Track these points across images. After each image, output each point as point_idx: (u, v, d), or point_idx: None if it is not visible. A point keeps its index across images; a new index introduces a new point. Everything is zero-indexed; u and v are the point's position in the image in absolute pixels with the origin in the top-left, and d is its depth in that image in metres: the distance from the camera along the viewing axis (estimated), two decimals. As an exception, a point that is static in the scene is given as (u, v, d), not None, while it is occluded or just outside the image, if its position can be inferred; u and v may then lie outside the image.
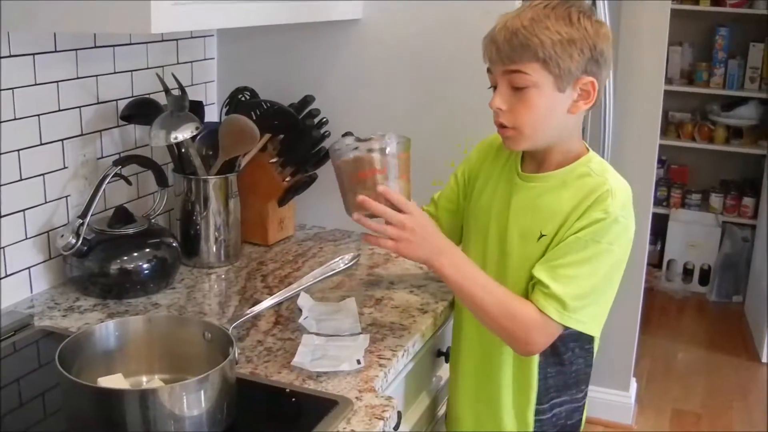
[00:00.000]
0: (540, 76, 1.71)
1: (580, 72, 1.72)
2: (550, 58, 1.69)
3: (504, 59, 1.73)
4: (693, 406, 4.31)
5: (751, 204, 5.64)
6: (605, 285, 1.79)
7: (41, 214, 2.03)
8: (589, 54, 1.71)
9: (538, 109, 1.74)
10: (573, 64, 1.70)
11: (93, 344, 1.53)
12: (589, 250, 1.73)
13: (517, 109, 1.75)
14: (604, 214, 1.73)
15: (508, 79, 1.75)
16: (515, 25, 1.72)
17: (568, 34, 1.70)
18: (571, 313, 1.73)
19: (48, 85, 2.00)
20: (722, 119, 5.64)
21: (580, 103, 1.76)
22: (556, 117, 1.77)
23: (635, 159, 3.74)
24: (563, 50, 1.69)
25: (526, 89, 1.73)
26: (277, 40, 2.59)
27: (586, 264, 1.73)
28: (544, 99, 1.73)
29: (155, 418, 1.35)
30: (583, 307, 1.75)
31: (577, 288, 1.73)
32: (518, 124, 1.76)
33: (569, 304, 1.72)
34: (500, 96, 1.77)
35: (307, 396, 1.60)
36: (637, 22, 3.62)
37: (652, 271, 5.73)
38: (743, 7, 5.38)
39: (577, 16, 1.72)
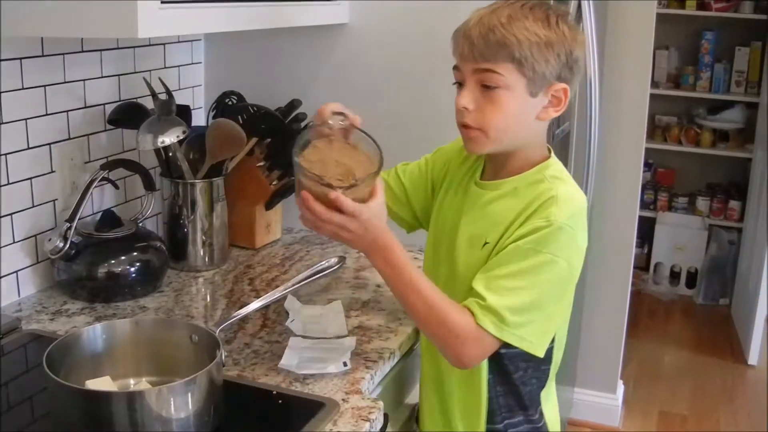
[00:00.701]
0: (513, 77, 1.62)
1: (554, 77, 1.65)
2: (526, 60, 1.61)
3: (477, 56, 1.64)
4: (680, 408, 4.33)
5: (738, 207, 5.66)
6: (549, 300, 1.65)
7: (29, 217, 2.04)
8: (564, 59, 1.64)
9: (508, 112, 1.65)
10: (548, 69, 1.63)
11: (80, 347, 1.54)
12: (530, 260, 1.61)
13: (485, 109, 1.65)
14: (545, 221, 1.62)
15: (478, 77, 1.65)
16: (492, 21, 1.63)
17: (546, 37, 1.62)
18: (511, 328, 1.59)
19: (35, 89, 2.01)
20: (708, 123, 5.67)
21: (550, 110, 1.69)
22: (524, 122, 1.68)
23: (622, 162, 3.76)
24: (540, 53, 1.62)
25: (497, 90, 1.63)
26: (264, 44, 2.59)
27: (527, 275, 1.62)
28: (515, 102, 1.65)
29: (143, 421, 1.36)
30: (524, 324, 1.61)
31: (516, 301, 1.60)
32: (484, 125, 1.67)
33: (507, 318, 1.59)
34: (468, 94, 1.67)
35: (293, 398, 1.60)
36: (624, 26, 3.64)
37: (639, 274, 5.74)
38: (729, 11, 5.41)
39: (555, 18, 1.65)
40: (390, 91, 2.49)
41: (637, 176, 3.83)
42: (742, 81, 5.54)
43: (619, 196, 3.82)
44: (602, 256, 3.85)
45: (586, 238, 1.68)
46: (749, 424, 4.17)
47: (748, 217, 5.42)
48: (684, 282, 5.83)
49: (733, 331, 5.26)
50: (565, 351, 1.88)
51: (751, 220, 5.25)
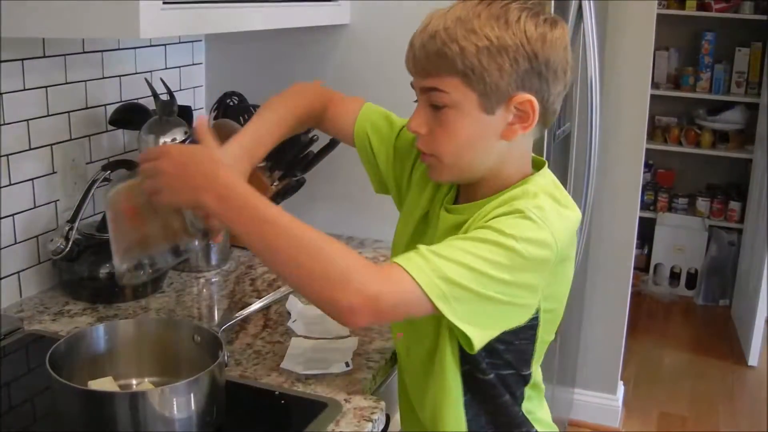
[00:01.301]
0: (460, 94, 1.40)
1: (514, 88, 1.39)
2: (473, 71, 1.37)
3: (420, 71, 1.44)
4: (680, 409, 4.33)
5: (738, 208, 5.66)
6: (495, 284, 1.33)
7: (30, 218, 2.04)
8: (526, 65, 1.38)
9: (459, 135, 1.43)
10: (503, 79, 1.38)
11: (83, 347, 1.54)
12: (483, 234, 1.35)
13: (436, 132, 1.45)
14: (509, 208, 1.39)
15: (426, 96, 1.45)
16: (436, 26, 1.41)
17: (498, 40, 1.36)
18: (436, 275, 1.29)
19: (37, 90, 2.01)
20: (708, 123, 5.67)
21: (516, 127, 1.43)
22: (484, 145, 1.45)
23: (622, 163, 3.76)
24: (490, 61, 1.37)
25: (445, 109, 1.42)
26: (265, 45, 2.59)
27: (471, 241, 1.35)
28: (467, 123, 1.42)
29: (145, 421, 1.36)
30: (455, 285, 1.30)
31: (449, 252, 1.32)
32: (437, 151, 1.46)
33: (434, 261, 1.30)
34: (418, 116, 1.47)
35: (296, 398, 1.60)
36: (624, 27, 3.64)
37: (639, 275, 5.75)
38: (729, 12, 5.41)
39: (517, 14, 1.39)
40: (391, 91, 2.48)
41: (637, 177, 3.83)
42: (743, 82, 5.55)
43: (620, 197, 3.82)
44: (602, 257, 3.85)
45: (559, 238, 1.38)
46: (749, 425, 4.17)
47: (748, 218, 5.43)
48: (684, 283, 5.83)
49: (733, 332, 5.26)
50: (566, 353, 1.80)
51: (751, 221, 5.25)
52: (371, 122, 1.78)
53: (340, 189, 2.55)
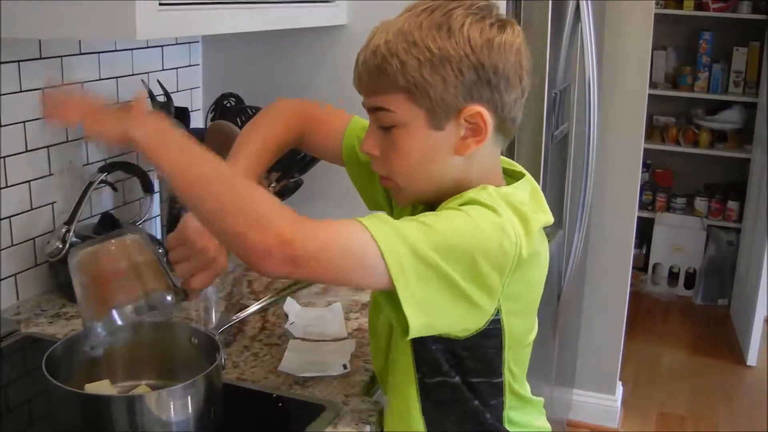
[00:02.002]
0: (406, 111, 1.32)
1: (462, 101, 1.32)
2: (417, 86, 1.30)
3: (365, 90, 1.38)
4: (678, 409, 4.33)
5: (736, 207, 5.67)
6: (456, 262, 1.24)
7: (27, 220, 2.03)
8: (473, 75, 1.30)
9: (409, 155, 1.36)
10: (449, 92, 1.30)
11: (81, 350, 1.53)
12: (435, 215, 1.29)
13: (388, 154, 1.38)
14: (459, 200, 1.32)
15: (375, 116, 1.38)
16: (378, 40, 1.34)
17: (440, 51, 1.29)
18: (400, 239, 1.21)
19: (33, 92, 2.00)
20: (707, 123, 5.67)
21: (469, 141, 1.35)
22: (437, 162, 1.37)
23: (620, 163, 3.76)
24: (433, 74, 1.29)
25: (394, 129, 1.35)
26: (262, 46, 2.59)
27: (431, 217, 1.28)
28: (416, 141, 1.34)
29: (142, 424, 1.35)
30: (418, 255, 1.21)
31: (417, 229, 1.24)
32: (392, 173, 1.40)
33: (397, 225, 1.24)
34: (369, 138, 1.41)
35: (294, 401, 1.60)
36: (622, 26, 3.64)
37: (638, 274, 5.75)
38: (727, 12, 5.41)
39: (460, 21, 1.31)
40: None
41: (635, 177, 3.83)
42: (740, 81, 5.55)
43: (618, 197, 3.82)
44: (601, 257, 3.85)
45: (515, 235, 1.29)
46: (748, 424, 4.17)
47: (747, 217, 5.43)
48: (682, 282, 5.84)
49: (732, 331, 5.26)
50: (565, 353, 1.76)
51: (750, 221, 5.26)
52: (360, 138, 1.60)
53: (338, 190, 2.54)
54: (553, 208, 1.93)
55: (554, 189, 2.84)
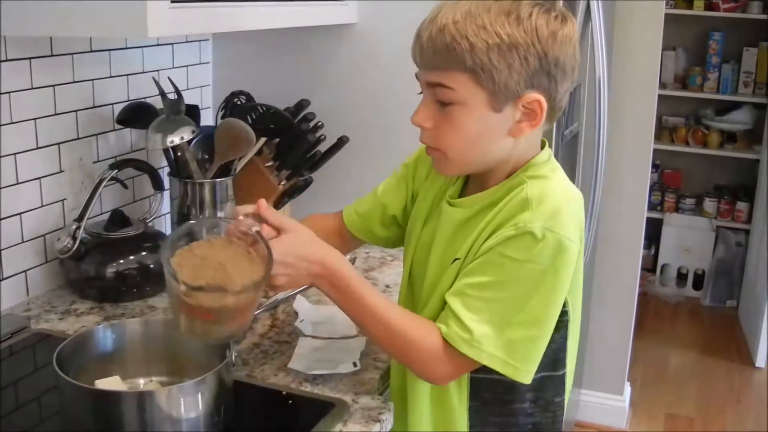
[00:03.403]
0: (468, 91, 1.37)
1: (523, 86, 1.37)
2: (483, 69, 1.35)
3: (427, 65, 1.42)
4: (686, 410, 4.32)
5: (745, 209, 5.65)
6: (531, 314, 1.41)
7: (38, 217, 2.04)
8: (536, 64, 1.36)
9: (466, 132, 1.42)
10: (513, 78, 1.36)
11: (91, 347, 1.54)
12: (503, 272, 1.40)
13: (442, 127, 1.43)
14: (514, 230, 1.40)
15: (432, 91, 1.42)
16: (445, 19, 1.37)
17: (509, 38, 1.34)
18: (482, 345, 1.40)
19: (44, 89, 2.00)
20: (716, 124, 5.65)
21: (524, 125, 1.42)
22: (491, 142, 1.44)
23: (629, 163, 3.76)
24: (501, 59, 1.34)
25: (452, 106, 1.40)
26: (273, 44, 2.59)
27: (501, 287, 1.40)
28: (474, 120, 1.40)
29: (152, 421, 1.35)
30: (498, 341, 1.40)
31: (489, 315, 1.40)
32: (442, 146, 1.45)
33: (476, 332, 1.39)
34: (423, 110, 1.45)
35: (303, 398, 1.60)
36: (632, 27, 3.63)
37: (646, 275, 5.74)
38: (737, 12, 5.40)
39: (528, 10, 1.36)
40: (398, 91, 2.48)
41: (644, 177, 3.82)
42: (750, 82, 5.53)
43: (627, 197, 3.81)
44: (609, 258, 3.85)
45: (574, 236, 1.42)
46: (756, 426, 4.16)
47: (756, 218, 5.41)
48: (691, 283, 5.83)
49: (740, 333, 5.25)
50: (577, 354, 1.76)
51: (759, 222, 5.24)
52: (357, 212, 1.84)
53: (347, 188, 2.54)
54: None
55: (564, 189, 2.83)
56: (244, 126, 2.19)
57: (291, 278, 1.43)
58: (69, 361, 1.44)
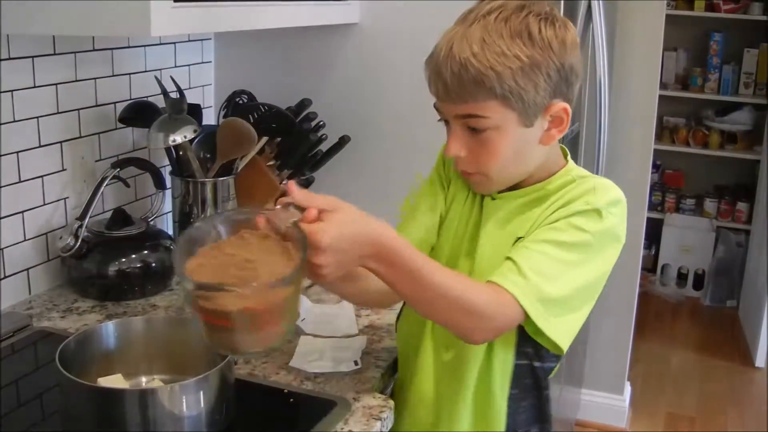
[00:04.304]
0: (501, 115, 1.43)
1: (549, 99, 1.45)
2: (511, 93, 1.41)
3: (455, 99, 1.45)
4: (687, 410, 4.32)
5: (746, 209, 5.65)
6: (581, 286, 1.49)
7: (40, 215, 2.04)
8: (557, 76, 1.44)
9: (504, 152, 1.48)
10: (539, 94, 1.43)
11: (93, 345, 1.54)
12: (567, 235, 1.46)
13: (478, 153, 1.49)
14: (585, 204, 1.48)
15: (463, 122, 1.47)
16: (464, 53, 1.41)
17: (530, 59, 1.40)
18: (537, 297, 1.41)
19: (47, 87, 2.01)
20: (717, 124, 5.66)
21: (553, 132, 1.50)
22: (526, 154, 1.51)
23: (630, 163, 3.76)
24: (526, 80, 1.41)
25: (487, 131, 1.45)
26: (275, 43, 2.60)
27: (559, 246, 1.46)
28: (509, 140, 1.46)
29: (155, 418, 1.36)
30: (554, 303, 1.44)
31: (542, 266, 1.44)
32: (483, 170, 1.52)
33: (530, 278, 1.41)
34: (456, 141, 1.50)
35: (305, 397, 1.61)
36: (633, 27, 3.64)
37: (647, 275, 5.74)
38: (738, 13, 5.40)
39: (537, 26, 1.42)
40: (400, 90, 2.49)
41: (645, 177, 3.82)
42: (751, 83, 5.53)
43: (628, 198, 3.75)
44: (610, 257, 3.84)
45: (625, 231, 1.54)
46: (756, 426, 4.17)
47: (756, 219, 5.42)
48: (691, 284, 5.83)
49: (741, 333, 5.25)
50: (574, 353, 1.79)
51: (759, 222, 5.25)
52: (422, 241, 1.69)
53: (349, 188, 2.55)
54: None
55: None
56: (246, 125, 2.19)
57: (340, 264, 1.32)
58: (71, 359, 1.44)
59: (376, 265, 1.36)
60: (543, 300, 1.42)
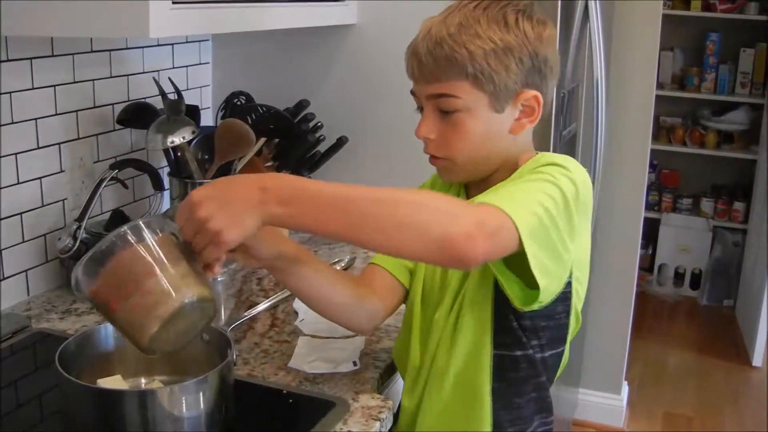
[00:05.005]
0: (471, 97, 1.45)
1: (520, 86, 1.47)
2: (483, 74, 1.43)
3: (428, 77, 1.48)
4: (684, 409, 4.32)
5: (742, 209, 5.66)
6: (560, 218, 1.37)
7: (38, 217, 2.04)
8: (529, 63, 1.46)
9: (473, 137, 1.49)
10: (510, 78, 1.45)
11: (93, 346, 1.54)
12: (524, 182, 1.40)
13: (447, 136, 1.50)
14: (534, 163, 1.46)
15: (434, 102, 1.49)
16: (440, 32, 1.45)
17: (503, 42, 1.43)
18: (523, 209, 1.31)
19: (45, 89, 2.01)
20: (713, 124, 5.66)
21: (524, 121, 1.51)
22: (495, 141, 1.51)
23: (627, 163, 3.76)
24: (498, 62, 1.43)
25: (456, 114, 1.47)
26: (273, 44, 2.60)
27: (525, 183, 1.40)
28: (479, 123, 1.47)
29: (154, 419, 1.36)
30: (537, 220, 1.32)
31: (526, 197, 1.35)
32: (450, 154, 1.52)
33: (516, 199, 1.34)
34: (427, 122, 1.51)
35: (304, 397, 1.61)
36: (629, 27, 3.64)
37: (644, 275, 5.75)
38: (734, 13, 5.40)
39: (514, 17, 1.46)
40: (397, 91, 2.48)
41: (642, 177, 3.83)
42: (747, 82, 5.54)
43: (625, 197, 3.82)
44: (607, 257, 3.85)
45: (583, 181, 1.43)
46: (753, 425, 4.17)
47: (753, 218, 5.42)
48: (688, 283, 5.84)
49: (738, 332, 5.26)
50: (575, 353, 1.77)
51: (756, 222, 5.25)
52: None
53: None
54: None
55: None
56: (244, 126, 2.19)
57: (224, 210, 1.24)
58: (71, 360, 1.44)
59: (281, 209, 1.25)
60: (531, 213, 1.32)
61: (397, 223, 1.25)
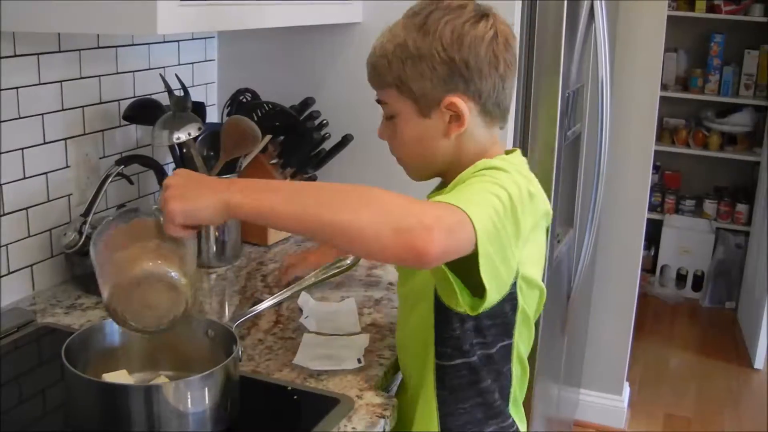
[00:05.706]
0: (399, 103, 1.52)
1: (442, 92, 1.48)
2: (402, 82, 1.48)
3: (372, 85, 1.58)
4: (685, 411, 4.33)
5: (745, 211, 5.66)
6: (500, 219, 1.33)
7: (44, 212, 2.05)
8: (445, 70, 1.46)
9: (406, 140, 1.55)
10: (427, 85, 1.47)
11: (98, 341, 1.55)
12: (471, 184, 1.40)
13: (392, 139, 1.59)
14: (473, 168, 1.46)
15: (382, 108, 1.58)
16: (377, 42, 1.54)
17: (417, 49, 1.46)
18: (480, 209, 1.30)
19: (52, 84, 2.02)
20: (717, 126, 5.66)
21: (453, 126, 1.50)
22: (431, 145, 1.54)
23: (631, 164, 3.77)
24: (413, 69, 1.47)
25: (394, 119, 1.55)
26: (278, 42, 2.60)
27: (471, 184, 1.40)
28: (409, 128, 1.53)
29: (159, 414, 1.37)
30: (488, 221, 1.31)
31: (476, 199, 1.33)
32: (397, 155, 1.61)
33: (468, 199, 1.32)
34: (381, 126, 1.62)
35: (308, 394, 1.61)
36: (634, 28, 3.65)
37: (646, 276, 5.75)
38: (739, 14, 5.40)
39: (437, 23, 1.46)
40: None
41: (645, 179, 3.83)
42: (751, 84, 5.53)
43: (628, 199, 3.82)
44: (610, 258, 3.86)
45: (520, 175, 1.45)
46: (754, 427, 4.18)
47: (756, 220, 5.42)
48: (690, 285, 5.84)
49: (739, 334, 5.26)
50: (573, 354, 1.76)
51: (759, 224, 5.25)
52: None
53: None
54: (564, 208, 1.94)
55: (566, 189, 2.84)
56: (250, 123, 2.20)
57: (188, 188, 1.33)
58: (76, 354, 1.45)
59: (240, 194, 1.30)
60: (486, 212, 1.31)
61: (354, 210, 1.27)
